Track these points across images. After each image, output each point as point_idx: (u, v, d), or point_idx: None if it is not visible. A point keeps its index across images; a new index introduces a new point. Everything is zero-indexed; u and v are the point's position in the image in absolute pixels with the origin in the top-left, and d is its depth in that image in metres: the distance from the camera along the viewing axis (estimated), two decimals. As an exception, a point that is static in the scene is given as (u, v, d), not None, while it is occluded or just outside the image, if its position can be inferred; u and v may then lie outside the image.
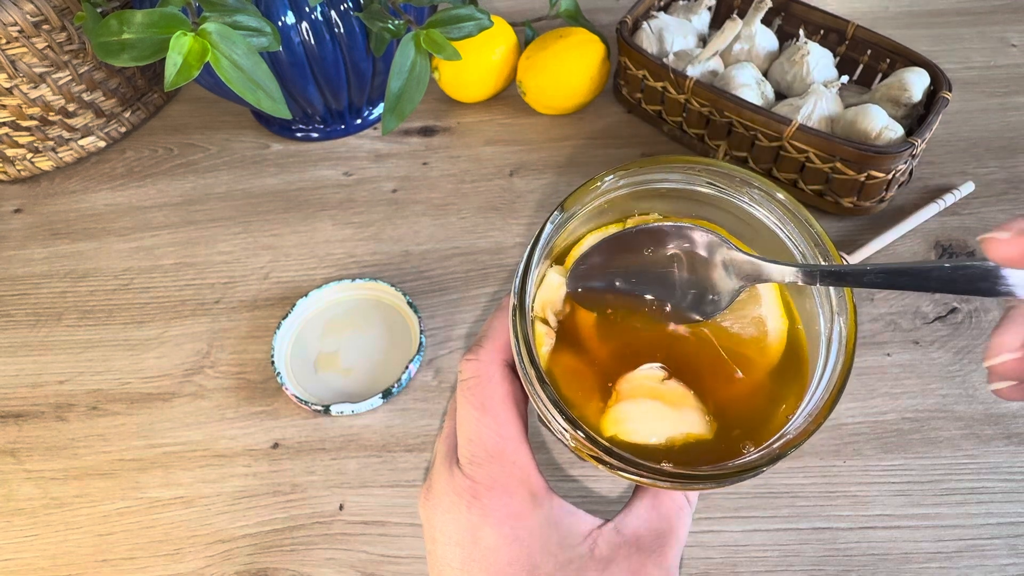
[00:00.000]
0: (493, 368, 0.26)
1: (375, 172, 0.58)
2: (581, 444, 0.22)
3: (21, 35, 0.50)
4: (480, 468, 0.25)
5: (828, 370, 0.23)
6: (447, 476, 0.26)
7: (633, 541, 0.25)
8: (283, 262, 0.52)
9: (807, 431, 0.22)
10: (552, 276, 0.26)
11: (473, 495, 0.25)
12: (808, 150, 0.49)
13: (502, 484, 0.25)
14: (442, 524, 0.25)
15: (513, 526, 0.24)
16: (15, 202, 0.58)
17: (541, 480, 0.25)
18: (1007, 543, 0.38)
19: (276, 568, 0.39)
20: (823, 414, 0.22)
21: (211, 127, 0.63)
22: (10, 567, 0.40)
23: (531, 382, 0.23)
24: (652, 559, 0.24)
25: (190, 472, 0.43)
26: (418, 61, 0.49)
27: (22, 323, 0.50)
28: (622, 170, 0.26)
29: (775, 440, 0.23)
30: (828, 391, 0.22)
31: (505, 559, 0.24)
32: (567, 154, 0.59)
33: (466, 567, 0.24)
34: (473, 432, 0.25)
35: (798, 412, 0.24)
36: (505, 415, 0.25)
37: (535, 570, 0.24)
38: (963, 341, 0.45)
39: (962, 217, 0.52)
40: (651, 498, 0.26)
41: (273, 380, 0.46)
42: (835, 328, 0.24)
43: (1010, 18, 0.68)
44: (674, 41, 0.58)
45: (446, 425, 0.28)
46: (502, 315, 0.27)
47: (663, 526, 0.25)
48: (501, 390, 0.26)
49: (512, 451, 0.25)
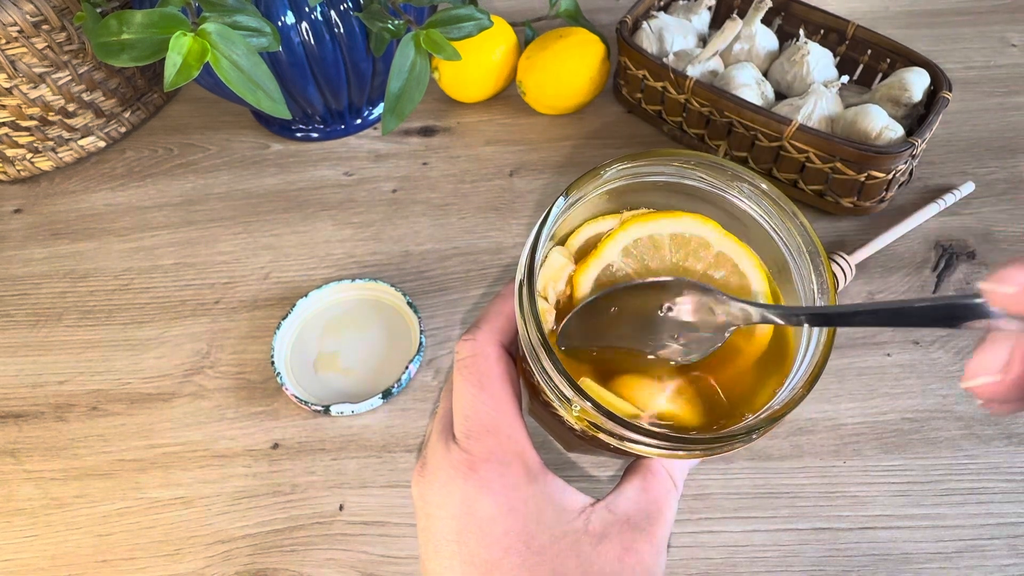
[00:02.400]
0: (490, 348, 0.27)
1: (375, 172, 0.58)
2: (586, 412, 0.22)
3: (21, 35, 0.50)
4: (477, 441, 0.25)
5: (810, 349, 0.24)
6: (443, 451, 0.26)
7: (624, 519, 0.25)
8: (283, 262, 0.52)
9: (791, 403, 0.23)
10: (554, 256, 0.27)
11: (470, 467, 0.25)
12: (808, 150, 0.49)
13: (498, 456, 0.25)
14: (438, 498, 0.26)
15: (509, 497, 0.25)
16: (15, 202, 0.58)
17: (536, 456, 0.26)
18: (1007, 543, 0.38)
19: (276, 568, 0.39)
20: (807, 386, 0.23)
21: (211, 127, 0.63)
22: (10, 567, 0.40)
23: (536, 353, 0.23)
24: (643, 537, 0.25)
25: (190, 472, 0.43)
26: (418, 61, 0.49)
27: (22, 323, 0.50)
28: (626, 160, 0.26)
29: (762, 412, 0.24)
30: (810, 367, 0.23)
31: (501, 529, 0.24)
32: (567, 154, 0.59)
33: (462, 538, 0.25)
34: (470, 408, 0.26)
35: (783, 389, 0.24)
36: (501, 392, 0.26)
37: (530, 541, 0.24)
38: (963, 341, 0.45)
39: (962, 217, 0.52)
40: (640, 480, 0.27)
41: (273, 380, 0.46)
42: None
43: (1010, 18, 0.68)
44: (674, 41, 0.58)
45: (441, 405, 0.29)
46: (499, 301, 0.28)
47: (652, 508, 0.26)
48: (497, 368, 0.26)
49: (508, 426, 0.26)
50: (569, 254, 0.27)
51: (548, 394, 0.24)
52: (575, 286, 0.27)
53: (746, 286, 0.27)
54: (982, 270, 0.49)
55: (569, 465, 0.41)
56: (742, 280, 0.27)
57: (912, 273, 0.49)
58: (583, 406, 0.22)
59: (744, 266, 0.27)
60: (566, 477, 0.36)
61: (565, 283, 0.27)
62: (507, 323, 0.27)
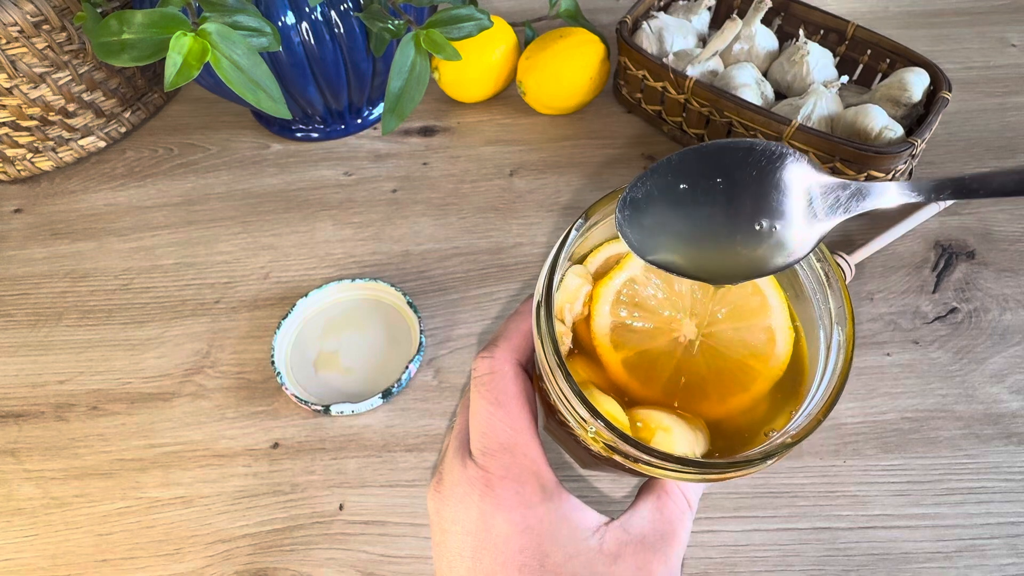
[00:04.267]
0: (507, 366, 0.26)
1: (375, 172, 0.58)
2: (601, 434, 0.22)
3: (21, 35, 0.50)
4: (493, 459, 0.25)
5: (828, 372, 0.24)
6: (460, 468, 0.26)
7: (639, 539, 0.25)
8: (283, 262, 0.52)
9: (808, 428, 0.22)
10: (571, 278, 0.27)
11: (486, 484, 0.25)
12: (808, 150, 0.49)
13: (514, 474, 0.25)
14: (453, 514, 0.26)
15: (524, 515, 0.25)
16: (15, 202, 0.58)
17: (551, 474, 0.26)
18: (1007, 543, 0.38)
19: (276, 568, 0.39)
20: (825, 410, 0.22)
21: (211, 127, 0.63)
22: (10, 567, 0.40)
23: (553, 374, 0.23)
24: (657, 558, 0.25)
25: (190, 472, 0.43)
26: (418, 61, 0.49)
27: (22, 323, 0.50)
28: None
29: (778, 437, 0.24)
30: (827, 392, 0.23)
31: (516, 547, 0.24)
32: (567, 154, 0.59)
33: (477, 555, 0.25)
34: (487, 425, 0.26)
35: (799, 413, 0.24)
36: (518, 410, 0.26)
37: (545, 559, 0.24)
38: (963, 341, 0.45)
39: (962, 217, 0.52)
40: (655, 500, 0.26)
41: (273, 380, 0.46)
42: (834, 335, 0.24)
43: (1010, 18, 0.68)
44: (674, 41, 0.58)
45: (458, 421, 0.29)
46: (517, 318, 0.28)
47: (667, 528, 0.26)
48: (514, 387, 0.26)
49: (524, 444, 0.25)
50: (587, 273, 0.27)
51: (564, 414, 0.23)
52: (594, 302, 0.27)
53: (764, 304, 0.26)
54: (982, 270, 0.49)
55: (581, 479, 0.41)
56: (761, 300, 0.26)
57: (912, 273, 0.49)
58: (598, 427, 0.22)
59: (764, 286, 0.27)
60: (579, 493, 0.37)
61: (583, 303, 0.27)
62: (524, 341, 0.27)
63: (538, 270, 0.51)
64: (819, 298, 0.25)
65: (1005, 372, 0.44)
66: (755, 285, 0.27)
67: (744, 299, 0.27)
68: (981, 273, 0.49)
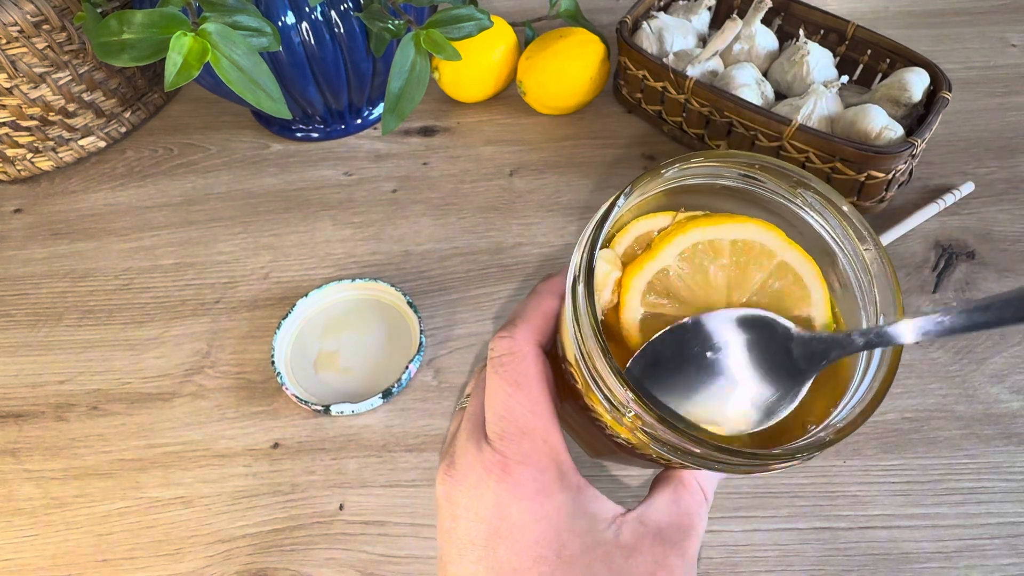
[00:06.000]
0: (528, 347, 0.25)
1: (375, 172, 0.58)
2: (640, 419, 0.21)
3: (21, 35, 0.50)
4: (511, 443, 0.24)
5: (873, 364, 0.23)
6: (474, 452, 0.25)
7: (656, 532, 0.25)
8: (283, 262, 0.52)
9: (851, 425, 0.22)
10: (599, 264, 0.25)
11: (503, 469, 0.24)
12: (808, 150, 0.49)
13: (533, 460, 0.24)
14: (467, 500, 0.25)
15: (543, 503, 0.24)
16: (15, 202, 0.58)
17: (571, 461, 0.25)
18: (1007, 543, 0.38)
19: (276, 568, 0.39)
20: (873, 405, 0.22)
21: (211, 127, 0.63)
22: (10, 567, 0.40)
23: (591, 355, 0.22)
24: (674, 550, 0.24)
25: (190, 472, 0.43)
26: (418, 61, 0.49)
27: (22, 323, 0.50)
28: (691, 159, 0.24)
29: (818, 430, 0.23)
30: (873, 388, 0.23)
31: (532, 536, 0.24)
32: (567, 154, 0.59)
33: (491, 543, 0.24)
34: (505, 408, 0.25)
35: (839, 408, 0.23)
36: (538, 393, 0.25)
37: (561, 550, 0.23)
38: (963, 341, 0.45)
39: (962, 217, 0.52)
40: (672, 492, 0.26)
41: (273, 380, 0.46)
42: None
43: (1010, 18, 0.68)
44: (674, 41, 0.58)
45: (471, 403, 0.27)
46: (536, 298, 0.27)
47: (684, 521, 0.25)
48: (535, 368, 0.25)
49: (544, 429, 0.25)
50: (616, 259, 0.26)
51: (593, 399, 0.22)
52: (624, 291, 0.25)
53: (806, 297, 0.25)
54: (982, 270, 0.49)
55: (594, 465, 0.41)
56: (803, 292, 0.25)
57: (912, 273, 0.49)
58: (639, 411, 0.21)
59: (807, 279, 0.25)
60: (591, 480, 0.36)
61: (612, 291, 0.25)
62: (545, 321, 0.26)
63: (538, 270, 0.51)
64: (864, 288, 0.24)
65: (1005, 372, 0.44)
66: (796, 274, 0.25)
67: (785, 289, 0.25)
68: (981, 273, 0.49)
